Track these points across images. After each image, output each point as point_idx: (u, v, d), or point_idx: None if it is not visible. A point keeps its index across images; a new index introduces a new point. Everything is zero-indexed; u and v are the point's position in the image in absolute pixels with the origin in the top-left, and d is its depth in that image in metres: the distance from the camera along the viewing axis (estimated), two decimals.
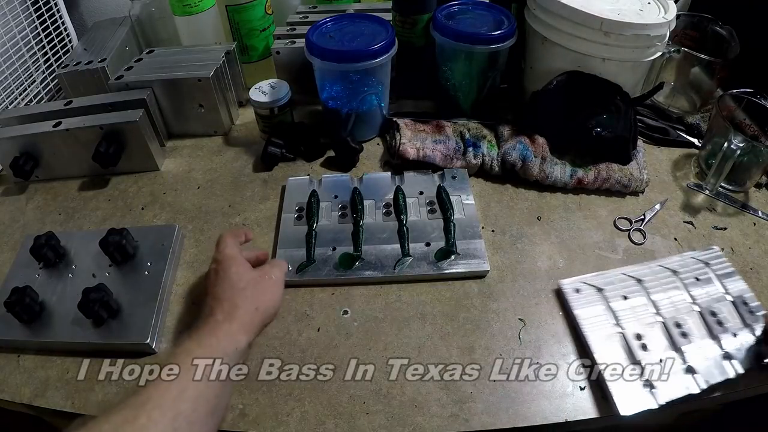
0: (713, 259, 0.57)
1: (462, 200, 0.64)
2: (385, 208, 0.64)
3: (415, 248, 0.59)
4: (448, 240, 0.60)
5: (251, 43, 0.81)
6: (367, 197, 0.65)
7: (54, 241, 0.59)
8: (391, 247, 0.60)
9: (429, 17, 0.73)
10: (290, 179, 0.69)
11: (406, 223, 0.62)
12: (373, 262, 0.58)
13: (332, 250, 0.60)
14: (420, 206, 0.64)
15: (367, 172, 0.69)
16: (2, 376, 0.52)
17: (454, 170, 0.68)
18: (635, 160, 0.68)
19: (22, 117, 0.71)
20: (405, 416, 0.47)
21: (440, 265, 0.58)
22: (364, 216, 0.63)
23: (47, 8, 0.86)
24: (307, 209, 0.64)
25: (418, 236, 0.61)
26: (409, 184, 0.67)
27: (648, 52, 0.67)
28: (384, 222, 0.63)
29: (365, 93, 0.71)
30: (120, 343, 0.52)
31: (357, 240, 0.60)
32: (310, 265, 0.58)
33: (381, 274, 0.57)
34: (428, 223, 0.62)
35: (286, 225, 0.63)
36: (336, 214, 0.64)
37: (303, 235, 0.61)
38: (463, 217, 0.63)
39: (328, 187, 0.67)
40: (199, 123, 0.77)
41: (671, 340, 0.51)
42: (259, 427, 0.47)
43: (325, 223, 0.63)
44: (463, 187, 0.66)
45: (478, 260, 0.58)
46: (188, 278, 0.59)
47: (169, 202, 0.69)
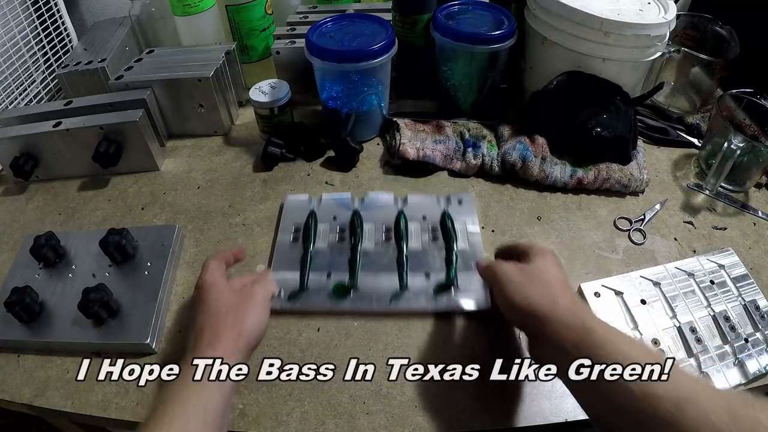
0: (727, 260, 0.58)
1: (467, 228, 0.61)
2: (386, 232, 0.61)
3: (414, 280, 0.56)
4: (449, 272, 0.56)
5: (251, 43, 0.81)
6: (367, 220, 0.62)
7: (54, 241, 0.59)
8: (388, 278, 0.56)
9: (429, 17, 0.73)
10: (289, 197, 0.66)
11: (407, 251, 0.59)
12: (369, 294, 0.55)
13: (327, 277, 0.56)
14: (422, 232, 0.61)
15: (369, 192, 0.66)
16: (2, 376, 0.52)
17: (461, 194, 0.65)
18: (635, 160, 0.68)
19: (22, 117, 0.71)
20: (405, 416, 0.47)
21: (438, 300, 0.54)
22: (362, 241, 0.60)
23: (47, 8, 0.86)
24: (304, 230, 0.62)
25: (417, 265, 0.57)
26: (412, 207, 0.64)
27: (648, 52, 0.67)
28: (383, 248, 0.59)
29: (365, 93, 0.71)
30: (120, 343, 0.52)
31: (353, 267, 0.57)
32: (302, 293, 0.55)
33: (376, 307, 0.54)
34: (430, 252, 0.59)
35: (282, 246, 0.60)
36: (334, 237, 0.61)
37: (298, 258, 0.59)
38: (467, 247, 0.59)
39: (327, 207, 0.64)
40: (199, 123, 0.77)
41: (686, 345, 0.51)
42: (259, 427, 0.47)
43: (322, 246, 0.60)
44: (469, 214, 0.63)
45: (481, 296, 0.54)
46: (188, 278, 0.59)
47: (169, 202, 0.69)
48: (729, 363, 0.50)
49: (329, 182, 0.70)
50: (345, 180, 0.70)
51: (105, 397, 0.49)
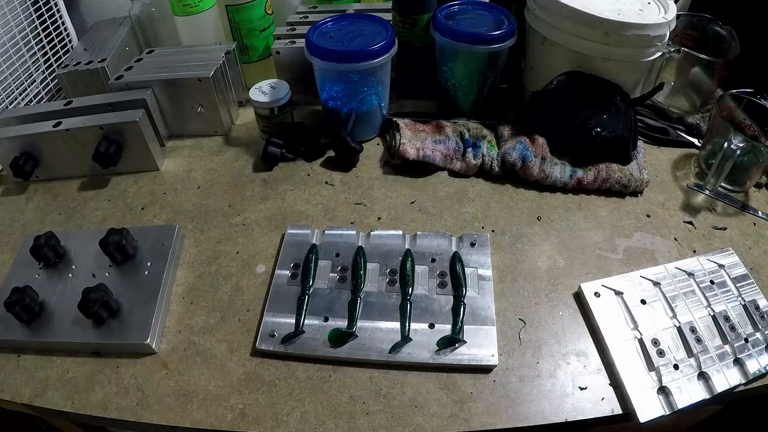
0: (727, 260, 0.58)
1: (478, 273, 0.57)
2: (391, 275, 0.57)
3: (417, 329, 0.53)
4: (455, 323, 0.53)
5: (251, 43, 0.81)
6: (371, 260, 0.58)
7: (54, 241, 0.59)
8: (389, 326, 0.53)
9: (429, 17, 0.73)
10: (290, 230, 0.62)
11: (411, 297, 0.55)
12: (367, 342, 0.52)
13: (324, 321, 0.53)
14: (430, 277, 0.57)
15: (375, 229, 0.62)
16: (2, 376, 0.52)
17: (474, 235, 0.60)
18: (635, 160, 0.68)
19: (22, 117, 0.71)
20: (405, 416, 0.47)
21: (442, 354, 0.51)
22: (365, 283, 0.56)
23: (47, 8, 0.86)
24: (303, 268, 0.58)
25: (422, 314, 0.54)
26: (421, 246, 0.60)
27: (648, 52, 0.67)
28: (387, 292, 0.56)
29: (365, 93, 0.71)
30: (120, 343, 0.52)
31: (353, 313, 0.54)
32: (297, 336, 0.52)
33: (374, 357, 0.51)
34: (436, 300, 0.55)
35: (279, 284, 0.57)
36: (335, 276, 0.57)
37: (295, 298, 0.55)
38: (477, 295, 0.55)
39: (330, 242, 0.61)
40: (199, 123, 0.77)
41: (686, 346, 0.51)
42: (259, 427, 0.47)
43: (321, 286, 0.56)
44: (482, 257, 0.58)
45: (486, 352, 0.51)
46: (188, 278, 0.59)
47: (169, 202, 0.69)
48: (729, 363, 0.50)
49: (329, 182, 0.70)
50: (345, 180, 0.70)
51: (105, 397, 0.49)
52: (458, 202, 0.67)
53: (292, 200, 0.68)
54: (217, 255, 0.62)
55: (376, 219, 0.65)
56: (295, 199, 0.68)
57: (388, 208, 0.66)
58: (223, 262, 0.61)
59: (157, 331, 0.53)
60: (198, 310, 0.56)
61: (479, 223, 0.64)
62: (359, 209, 0.66)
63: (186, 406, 0.49)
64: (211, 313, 0.56)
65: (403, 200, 0.67)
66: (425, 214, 0.65)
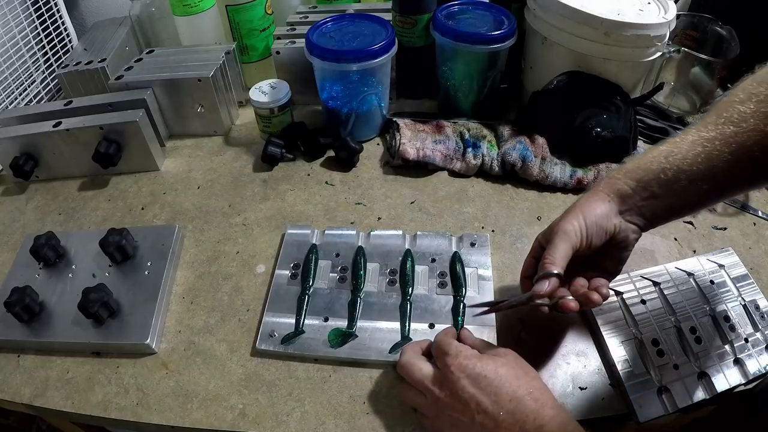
0: (727, 260, 0.58)
1: (478, 273, 0.57)
2: (391, 275, 0.57)
3: (417, 329, 0.53)
4: (455, 324, 0.53)
5: (251, 43, 0.81)
6: (371, 260, 0.58)
7: (54, 241, 0.59)
8: (389, 326, 0.53)
9: (429, 17, 0.73)
10: (290, 230, 0.62)
11: (411, 297, 0.55)
12: (367, 342, 0.52)
13: (324, 321, 0.54)
14: (430, 277, 0.57)
15: (375, 229, 0.62)
16: (2, 376, 0.52)
17: (474, 235, 0.60)
18: None
19: (22, 117, 0.71)
20: (405, 416, 0.47)
21: None
22: (364, 283, 0.56)
23: (47, 8, 0.86)
24: (303, 268, 0.58)
25: (421, 314, 0.54)
26: (421, 246, 0.60)
27: (648, 52, 0.67)
28: (387, 292, 0.56)
29: (365, 93, 0.71)
30: (120, 343, 0.52)
31: (353, 313, 0.54)
32: (297, 336, 0.52)
33: (374, 357, 0.51)
34: (436, 299, 0.55)
35: (279, 284, 0.57)
36: (335, 276, 0.57)
37: (295, 298, 0.55)
38: (477, 295, 0.55)
39: (330, 242, 0.61)
40: (199, 123, 0.77)
41: (685, 346, 0.50)
42: (259, 427, 0.47)
43: (321, 286, 0.57)
44: (482, 257, 0.58)
45: None
46: (188, 278, 0.59)
47: (169, 202, 0.69)
48: (729, 363, 0.50)
49: (329, 182, 0.70)
50: (345, 180, 0.70)
51: (105, 397, 0.49)
52: (458, 202, 0.67)
53: (292, 200, 0.68)
54: (217, 255, 0.62)
55: (376, 219, 0.65)
56: (295, 199, 0.68)
57: (388, 208, 0.66)
58: (223, 262, 0.61)
59: (157, 331, 0.53)
60: (198, 310, 0.56)
61: (479, 223, 0.64)
62: (359, 209, 0.66)
63: (186, 406, 0.49)
64: (211, 313, 0.56)
65: (403, 200, 0.67)
66: (425, 214, 0.65)
